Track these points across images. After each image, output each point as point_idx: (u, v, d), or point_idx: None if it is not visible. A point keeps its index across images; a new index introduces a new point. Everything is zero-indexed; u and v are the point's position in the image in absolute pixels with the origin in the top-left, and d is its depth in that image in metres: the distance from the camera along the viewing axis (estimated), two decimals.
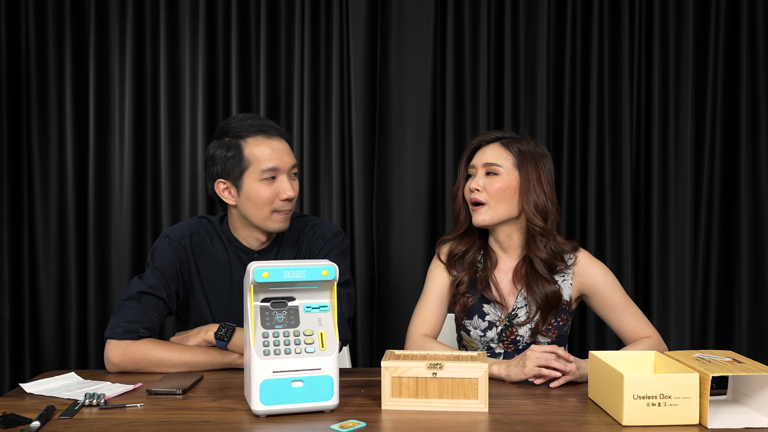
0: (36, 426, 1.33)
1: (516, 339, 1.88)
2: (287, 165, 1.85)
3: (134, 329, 1.77)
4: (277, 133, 1.86)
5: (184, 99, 2.92)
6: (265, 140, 1.84)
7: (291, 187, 1.84)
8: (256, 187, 1.82)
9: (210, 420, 1.40)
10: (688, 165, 2.90)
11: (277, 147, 1.84)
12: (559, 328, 1.89)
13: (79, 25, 2.93)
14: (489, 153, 1.87)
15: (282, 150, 1.85)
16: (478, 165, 1.87)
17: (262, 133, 1.84)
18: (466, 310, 1.90)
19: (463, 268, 1.91)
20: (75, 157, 2.92)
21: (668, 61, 2.92)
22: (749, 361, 1.44)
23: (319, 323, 1.47)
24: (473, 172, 1.89)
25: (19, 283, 2.96)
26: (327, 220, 2.07)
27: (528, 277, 1.86)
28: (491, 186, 1.84)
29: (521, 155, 1.85)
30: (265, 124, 1.86)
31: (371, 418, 1.40)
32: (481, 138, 1.93)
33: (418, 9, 2.91)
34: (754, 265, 2.94)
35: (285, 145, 1.87)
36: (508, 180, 1.84)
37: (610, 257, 2.91)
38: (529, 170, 1.85)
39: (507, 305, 1.89)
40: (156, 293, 1.83)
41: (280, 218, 1.86)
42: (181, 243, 1.89)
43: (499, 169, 1.84)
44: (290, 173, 1.87)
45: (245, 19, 2.93)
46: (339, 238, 1.96)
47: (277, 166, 1.83)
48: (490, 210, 1.84)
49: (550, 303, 1.84)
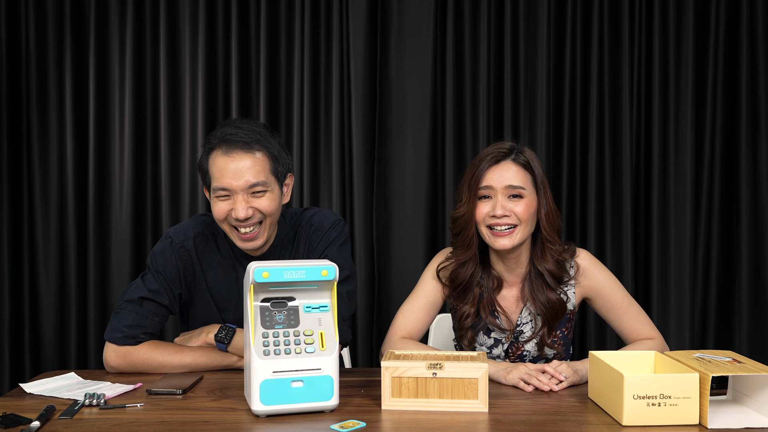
0: (36, 426, 1.33)
1: (522, 354, 1.85)
2: (240, 186, 1.70)
3: (134, 335, 1.75)
4: (241, 147, 1.71)
5: (184, 99, 2.92)
6: (222, 156, 1.71)
7: (243, 207, 1.70)
8: (213, 202, 1.76)
9: (210, 420, 1.40)
10: (688, 165, 2.90)
11: (232, 166, 1.70)
12: (564, 338, 1.86)
13: (79, 25, 2.93)
14: (509, 175, 1.75)
15: (239, 169, 1.70)
16: (497, 187, 1.75)
17: (225, 144, 1.71)
18: (474, 342, 1.86)
19: (467, 301, 1.83)
20: (75, 157, 2.92)
21: (668, 61, 2.92)
22: (749, 361, 1.44)
23: (319, 323, 1.47)
24: (491, 193, 1.76)
25: (19, 283, 2.96)
26: (325, 209, 1.97)
27: (533, 289, 1.81)
28: (517, 209, 1.74)
29: (537, 172, 1.78)
30: (232, 134, 1.72)
31: (371, 418, 1.40)
32: (489, 157, 1.78)
33: (418, 9, 2.90)
34: (754, 265, 2.94)
35: (245, 161, 1.70)
36: (531, 201, 1.76)
37: (610, 257, 2.91)
38: (539, 185, 1.79)
39: (512, 321, 1.85)
40: (157, 299, 1.80)
41: (240, 237, 1.75)
42: (184, 246, 1.84)
43: (524, 192, 1.75)
44: (249, 192, 1.72)
45: (245, 19, 2.93)
46: (338, 227, 1.88)
47: (227, 186, 1.71)
48: (519, 233, 1.76)
49: (556, 313, 1.80)
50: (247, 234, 1.75)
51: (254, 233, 1.76)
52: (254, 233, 1.76)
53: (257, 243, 1.77)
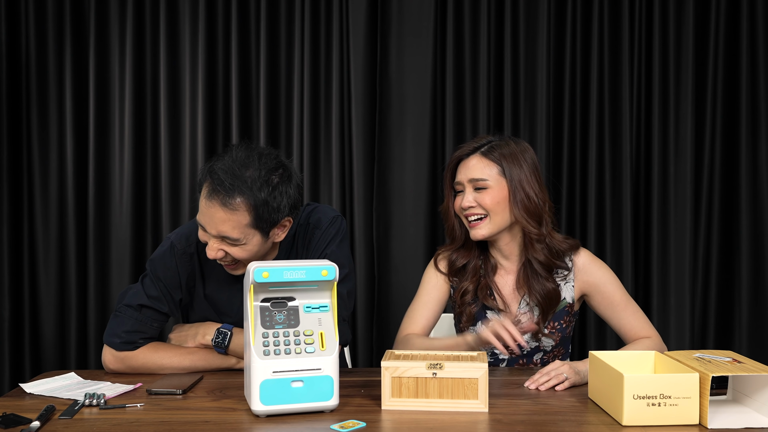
0: (36, 426, 1.33)
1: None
2: (213, 233, 1.65)
3: (132, 340, 1.75)
4: (221, 199, 1.61)
5: (184, 99, 2.92)
6: (204, 198, 1.66)
7: (214, 248, 1.66)
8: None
9: (210, 420, 1.40)
10: (688, 165, 2.90)
11: (208, 212, 1.64)
12: (562, 330, 1.89)
13: (79, 25, 2.93)
14: (472, 167, 1.83)
15: (213, 219, 1.64)
16: (464, 181, 1.84)
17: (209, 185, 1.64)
18: (472, 318, 1.90)
19: (467, 277, 1.91)
20: (75, 157, 2.92)
21: (668, 61, 2.91)
22: (749, 361, 1.44)
23: (319, 323, 1.47)
24: (460, 188, 1.86)
25: (19, 283, 2.96)
26: (323, 204, 1.95)
27: (528, 279, 1.87)
28: (483, 201, 1.81)
29: (503, 160, 1.81)
30: (216, 180, 1.62)
31: (371, 418, 1.40)
32: (460, 152, 1.87)
33: (418, 9, 2.90)
34: (754, 265, 2.94)
35: (221, 214, 1.62)
36: (497, 191, 1.82)
37: (610, 257, 2.91)
38: (513, 173, 1.81)
39: (510, 311, 1.89)
40: (156, 307, 1.79)
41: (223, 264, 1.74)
42: (186, 251, 1.82)
43: (487, 183, 1.81)
44: (223, 240, 1.66)
45: (245, 19, 2.93)
46: (336, 224, 1.87)
47: (203, 225, 1.67)
48: (490, 223, 1.82)
49: (550, 301, 1.85)
50: (227, 265, 1.74)
51: (232, 266, 1.75)
52: (232, 266, 1.75)
53: (239, 272, 1.76)
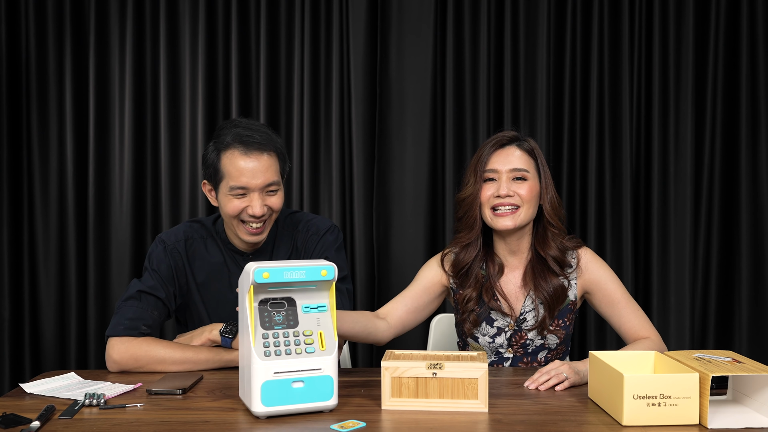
0: (36, 426, 1.33)
1: (525, 343, 1.88)
2: (258, 185, 1.81)
3: (136, 326, 1.79)
4: (258, 148, 1.81)
5: (184, 99, 2.92)
6: (241, 156, 1.80)
7: (260, 205, 1.81)
8: (225, 200, 1.84)
9: (210, 420, 1.40)
10: (688, 165, 2.90)
11: (250, 165, 1.80)
12: (566, 328, 1.90)
13: (79, 25, 2.93)
14: (514, 158, 1.85)
15: (256, 169, 1.80)
16: (502, 170, 1.84)
17: (242, 145, 1.80)
18: (478, 324, 1.89)
19: (469, 284, 1.89)
20: (75, 157, 2.92)
21: (668, 61, 2.91)
22: (749, 361, 1.44)
23: (318, 323, 1.47)
24: (495, 176, 1.85)
25: (19, 283, 2.96)
26: (319, 215, 2.08)
27: (536, 275, 1.86)
28: (520, 191, 1.83)
29: (539, 156, 1.88)
30: (247, 136, 1.82)
31: (371, 418, 1.40)
32: (497, 140, 1.88)
33: (418, 9, 2.90)
34: (754, 265, 2.94)
35: (263, 162, 1.81)
36: (534, 184, 1.85)
37: (610, 257, 2.91)
38: (545, 170, 1.88)
39: (515, 310, 1.88)
40: (155, 293, 1.86)
41: (248, 231, 1.85)
42: (176, 247, 1.93)
43: (527, 174, 1.84)
44: (265, 190, 1.83)
45: (245, 19, 2.93)
46: (333, 233, 1.98)
47: (246, 185, 1.80)
48: (522, 214, 1.83)
49: (557, 297, 1.85)
50: (257, 228, 1.85)
51: (261, 228, 1.86)
52: (261, 228, 1.86)
53: (263, 236, 1.89)
